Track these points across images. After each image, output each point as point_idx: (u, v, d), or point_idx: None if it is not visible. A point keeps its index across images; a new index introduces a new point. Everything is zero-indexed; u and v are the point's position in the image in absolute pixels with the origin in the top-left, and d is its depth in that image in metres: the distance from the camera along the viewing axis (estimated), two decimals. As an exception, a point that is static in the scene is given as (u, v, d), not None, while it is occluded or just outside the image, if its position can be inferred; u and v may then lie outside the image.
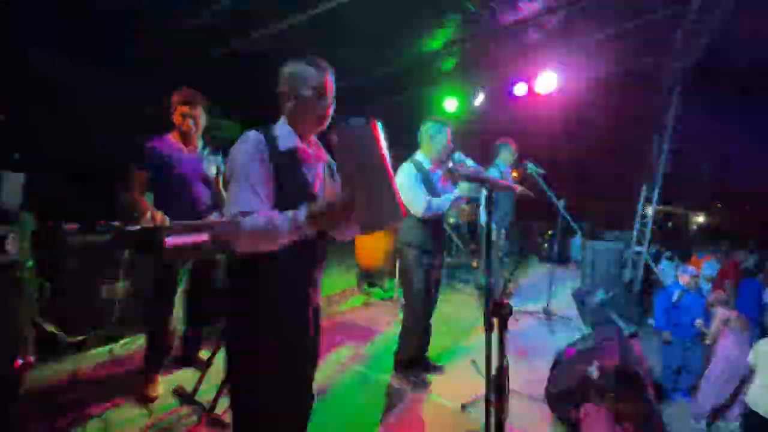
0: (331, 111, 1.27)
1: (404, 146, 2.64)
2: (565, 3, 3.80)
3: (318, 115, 1.24)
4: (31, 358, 2.38)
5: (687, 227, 15.29)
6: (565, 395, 2.12)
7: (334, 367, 2.82)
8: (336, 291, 4.64)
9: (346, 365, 2.86)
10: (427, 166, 2.49)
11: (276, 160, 1.15)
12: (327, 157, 1.38)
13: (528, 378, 2.74)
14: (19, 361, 2.23)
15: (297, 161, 1.22)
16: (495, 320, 1.02)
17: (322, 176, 1.32)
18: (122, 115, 4.00)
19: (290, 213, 1.04)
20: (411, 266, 2.51)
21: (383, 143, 1.00)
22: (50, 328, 2.48)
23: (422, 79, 5.47)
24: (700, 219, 16.84)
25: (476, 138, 6.14)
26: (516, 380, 2.61)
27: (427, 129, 2.53)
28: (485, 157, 4.42)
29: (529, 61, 5.00)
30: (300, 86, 1.21)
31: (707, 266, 5.91)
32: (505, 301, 1.01)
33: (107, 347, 2.74)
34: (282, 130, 1.22)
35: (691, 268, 3.41)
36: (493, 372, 1.04)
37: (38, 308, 2.35)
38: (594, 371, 1.86)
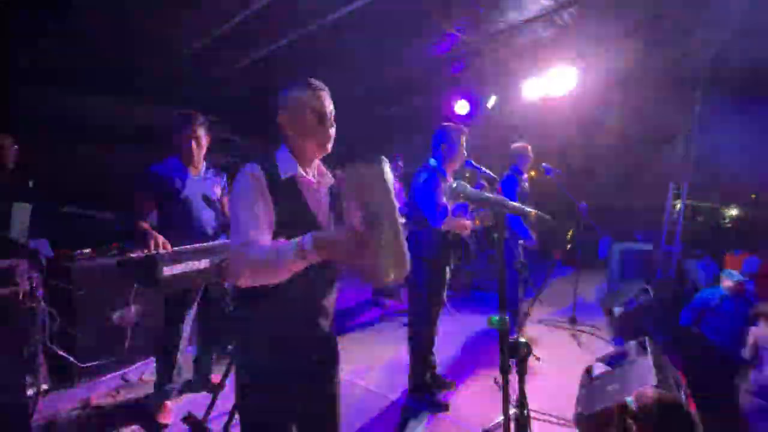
0: (332, 132, 1.22)
1: (415, 149, 2.55)
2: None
3: (318, 138, 1.20)
4: (44, 386, 2.39)
5: (719, 222, 14.55)
6: (598, 420, 1.95)
7: (350, 388, 2.71)
8: (350, 305, 4.55)
9: (363, 386, 2.76)
10: (443, 173, 2.40)
11: (277, 189, 1.12)
12: (332, 181, 1.33)
13: (553, 396, 2.57)
14: (32, 390, 2.24)
15: (298, 189, 1.18)
16: (512, 363, 0.89)
17: (326, 202, 1.26)
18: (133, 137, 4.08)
19: (296, 240, 0.98)
20: (422, 283, 2.38)
21: (391, 188, 0.94)
22: (62, 354, 2.48)
23: (433, 83, 5.37)
24: (734, 212, 16.01)
25: (489, 140, 5.99)
26: (540, 399, 2.47)
27: (441, 135, 2.43)
28: (500, 160, 4.28)
29: (541, 60, 4.83)
30: (297, 111, 1.17)
31: (747, 264, 5.54)
32: (522, 339, 0.89)
33: (120, 372, 2.73)
34: (282, 157, 1.18)
35: (736, 273, 3.17)
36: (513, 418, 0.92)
37: (50, 336, 2.34)
38: (632, 402, 1.69)
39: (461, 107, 5.59)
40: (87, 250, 2.79)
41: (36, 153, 3.33)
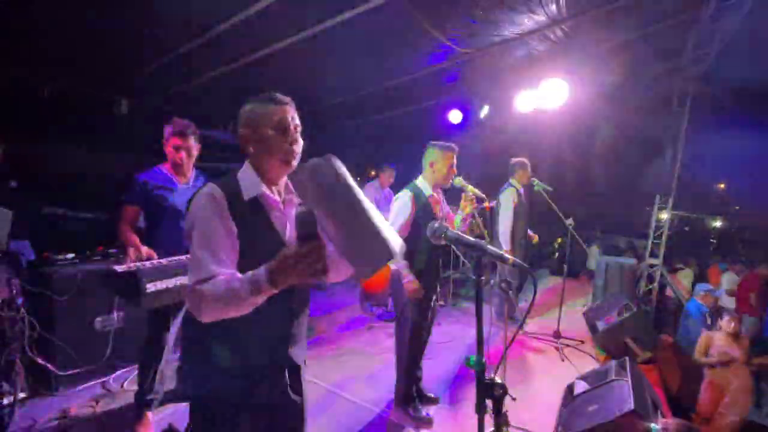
0: (297, 148, 1.15)
1: (409, 157, 2.53)
2: (571, 14, 3.68)
3: (282, 155, 1.12)
4: (22, 395, 2.34)
5: (703, 233, 14.86)
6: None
7: (333, 400, 2.71)
8: (338, 311, 4.55)
9: (347, 399, 2.75)
10: (427, 194, 2.39)
11: (239, 212, 1.06)
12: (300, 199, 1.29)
13: (534, 412, 2.60)
14: (8, 399, 2.19)
15: (264, 210, 1.13)
16: (488, 402, 0.91)
17: (293, 222, 1.22)
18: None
19: (249, 274, 0.94)
20: (406, 300, 2.38)
21: (346, 178, 0.92)
22: (41, 362, 2.43)
23: (427, 92, 5.39)
24: (717, 223, 16.32)
25: (481, 151, 6.04)
26: (521, 415, 2.50)
27: (431, 154, 2.42)
28: (494, 172, 4.33)
29: (535, 72, 4.88)
30: (259, 126, 1.11)
31: (726, 280, 5.67)
32: (499, 380, 0.90)
33: (101, 380, 2.69)
34: (245, 177, 1.13)
35: (707, 285, 3.26)
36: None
37: (29, 343, 2.30)
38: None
39: (455, 117, 5.62)
40: (70, 255, 2.74)
41: (18, 152, 3.27)
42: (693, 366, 3.36)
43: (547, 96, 4.94)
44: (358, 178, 5.54)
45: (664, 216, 5.53)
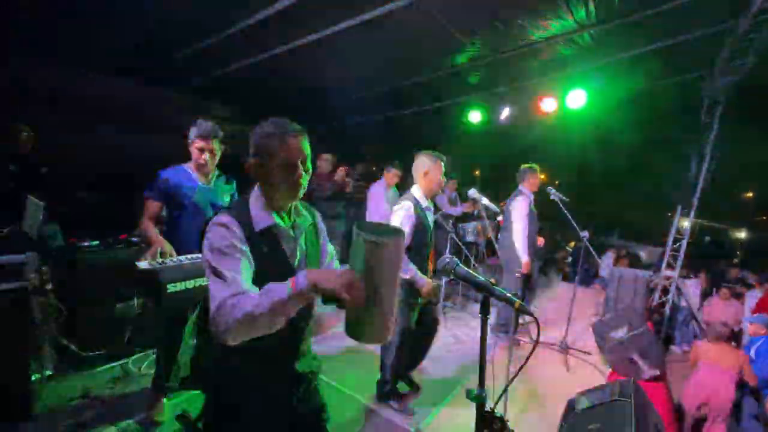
0: (304, 181, 1.17)
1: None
2: (600, 20, 3.58)
3: (287, 188, 1.15)
4: (48, 373, 2.50)
5: (725, 244, 14.37)
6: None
7: (344, 397, 2.79)
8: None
9: (352, 396, 2.83)
10: (423, 204, 2.46)
11: (252, 241, 1.11)
12: (310, 220, 1.33)
13: (536, 424, 2.63)
14: (36, 376, 2.34)
15: (275, 240, 1.17)
16: (485, 435, 0.94)
17: (304, 246, 1.27)
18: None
19: (289, 280, 0.96)
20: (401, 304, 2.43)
21: (399, 265, 0.94)
22: (66, 344, 2.58)
23: (448, 91, 5.35)
24: (742, 235, 15.73)
25: (501, 154, 5.98)
26: (523, 426, 2.54)
27: (420, 164, 2.47)
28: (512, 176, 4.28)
29: (558, 76, 4.79)
30: (267, 159, 1.13)
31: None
32: (497, 414, 0.93)
33: (120, 362, 2.84)
34: (255, 207, 1.17)
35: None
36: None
37: (56, 326, 2.44)
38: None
39: (474, 117, 5.57)
40: (95, 242, 2.87)
41: (49, 138, 3.41)
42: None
43: (570, 100, 4.86)
44: (375, 176, 5.52)
45: (686, 224, 5.36)
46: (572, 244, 8.97)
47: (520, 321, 4.34)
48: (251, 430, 1.20)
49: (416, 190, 2.48)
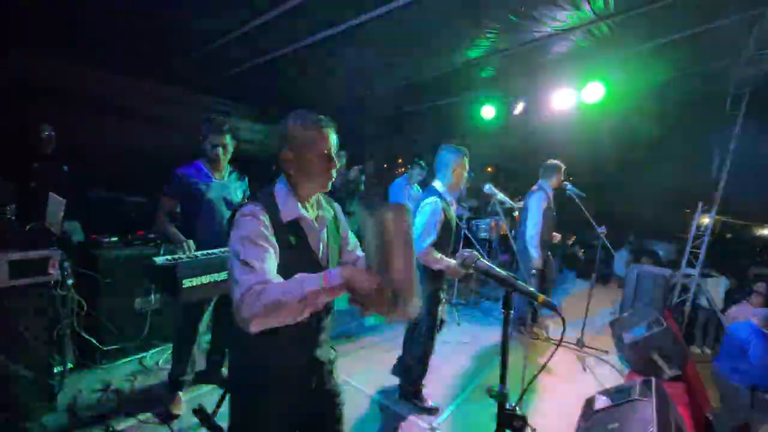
0: (335, 172, 1.20)
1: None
2: (620, 10, 3.47)
3: (323, 180, 1.19)
4: (69, 366, 2.56)
5: (747, 241, 13.91)
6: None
7: (357, 394, 2.79)
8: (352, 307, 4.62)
9: (365, 392, 2.83)
10: (447, 198, 2.40)
11: (279, 232, 1.11)
12: (332, 212, 1.34)
13: (552, 423, 2.59)
14: (58, 369, 2.40)
15: (302, 232, 1.18)
16: (507, 434, 0.92)
17: (326, 238, 1.27)
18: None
19: (321, 273, 0.95)
20: (427, 300, 2.41)
21: (411, 236, 0.93)
22: (87, 338, 2.64)
23: (460, 85, 5.28)
24: (765, 231, 15.22)
25: (515, 149, 5.88)
26: (540, 425, 2.50)
27: (451, 158, 2.40)
28: (526, 170, 4.21)
29: (574, 68, 4.67)
30: (303, 151, 1.15)
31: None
32: (518, 412, 0.91)
33: (138, 356, 2.89)
34: (282, 198, 1.17)
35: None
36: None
37: (77, 320, 2.49)
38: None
39: (487, 111, 5.49)
40: (114, 239, 2.92)
41: (70, 136, 3.48)
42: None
43: (586, 94, 4.75)
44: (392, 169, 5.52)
45: (706, 221, 5.19)
46: (572, 238, 8.75)
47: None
48: (270, 411, 1.20)
49: (440, 186, 2.43)
